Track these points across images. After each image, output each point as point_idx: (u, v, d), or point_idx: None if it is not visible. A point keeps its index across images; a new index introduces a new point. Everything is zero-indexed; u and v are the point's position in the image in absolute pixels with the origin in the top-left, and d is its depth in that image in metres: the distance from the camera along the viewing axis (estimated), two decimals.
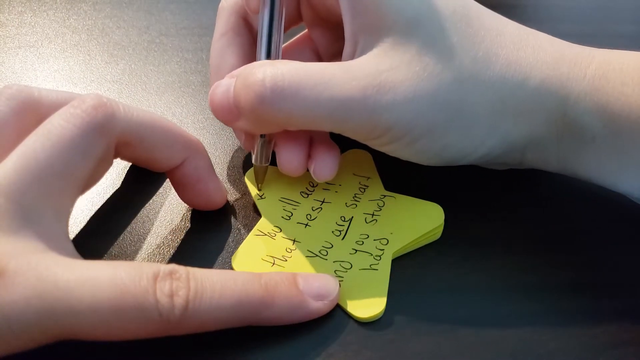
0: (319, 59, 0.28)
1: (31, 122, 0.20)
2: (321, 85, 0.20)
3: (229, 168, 0.28)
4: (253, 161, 0.25)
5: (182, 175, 0.23)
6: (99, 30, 0.37)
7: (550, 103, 0.22)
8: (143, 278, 0.17)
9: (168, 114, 0.31)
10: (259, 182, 0.26)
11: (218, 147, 0.29)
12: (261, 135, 0.24)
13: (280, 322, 0.20)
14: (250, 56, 0.26)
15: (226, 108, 0.22)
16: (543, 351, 0.20)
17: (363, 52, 0.22)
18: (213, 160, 0.25)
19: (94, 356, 0.19)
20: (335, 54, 0.27)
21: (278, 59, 0.24)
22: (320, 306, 0.21)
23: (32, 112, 0.20)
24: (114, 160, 0.22)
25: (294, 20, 0.27)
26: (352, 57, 0.23)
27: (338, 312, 0.21)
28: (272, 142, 0.25)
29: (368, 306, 0.21)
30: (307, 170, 0.25)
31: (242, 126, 0.23)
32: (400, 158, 0.23)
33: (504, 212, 0.25)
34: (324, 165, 0.24)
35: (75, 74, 0.33)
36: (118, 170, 0.27)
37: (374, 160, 0.28)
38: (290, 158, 0.24)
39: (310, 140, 0.25)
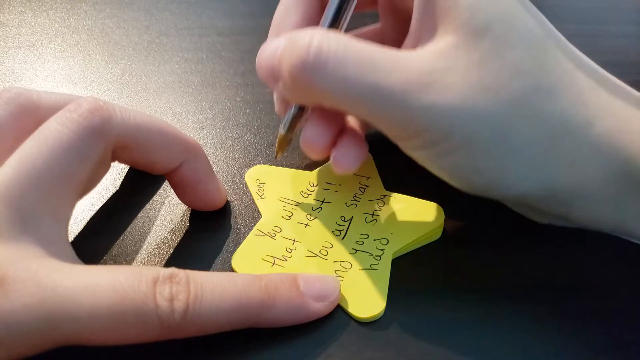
0: None
1: (29, 125, 0.20)
2: (366, 67, 0.19)
3: (229, 168, 0.28)
4: (280, 129, 0.24)
5: (181, 178, 0.23)
6: (99, 30, 0.37)
7: (612, 156, 0.19)
8: (142, 283, 0.17)
9: (168, 114, 0.31)
10: (278, 151, 0.25)
11: (218, 147, 0.29)
12: (295, 106, 0.23)
13: (280, 323, 0.20)
14: (315, 21, 0.24)
15: (269, 68, 0.21)
16: (543, 351, 0.20)
17: (422, 45, 0.21)
18: (213, 160, 0.25)
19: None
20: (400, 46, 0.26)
21: (343, 28, 0.23)
22: (320, 307, 0.21)
23: (30, 115, 0.20)
24: (112, 162, 0.22)
25: (368, 3, 0.26)
26: (411, 47, 0.22)
27: (338, 312, 0.21)
28: (305, 116, 0.24)
29: (368, 306, 0.21)
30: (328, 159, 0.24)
31: (279, 90, 0.22)
32: (430, 170, 0.22)
33: (504, 212, 0.25)
34: (347, 156, 0.23)
35: (75, 74, 0.33)
36: (118, 170, 0.27)
37: (374, 160, 0.28)
38: (316, 135, 0.23)
39: (341, 129, 0.24)
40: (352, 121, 0.25)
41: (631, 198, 0.20)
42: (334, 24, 0.22)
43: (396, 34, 0.26)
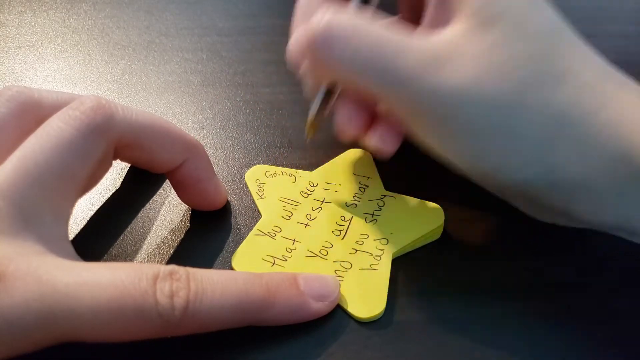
0: None
1: (31, 123, 0.20)
2: (376, 46, 0.20)
3: (229, 168, 0.28)
4: (309, 112, 0.24)
5: (182, 177, 0.23)
6: (99, 30, 0.37)
7: (615, 146, 0.19)
8: (143, 279, 0.17)
9: (168, 114, 0.31)
10: (309, 134, 0.25)
11: (218, 147, 0.29)
12: (323, 89, 0.23)
13: (280, 322, 0.20)
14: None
15: (297, 49, 0.22)
16: (543, 351, 0.20)
17: (434, 28, 0.21)
18: (213, 160, 0.25)
19: (95, 358, 0.19)
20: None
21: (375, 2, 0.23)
22: (320, 307, 0.21)
23: (31, 113, 0.20)
24: (114, 161, 0.23)
25: None
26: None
27: (338, 312, 0.21)
28: (333, 98, 0.24)
29: (368, 306, 0.21)
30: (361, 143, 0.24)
31: (303, 70, 0.23)
32: (433, 154, 0.22)
33: (504, 212, 0.25)
34: (385, 138, 0.23)
35: (75, 74, 0.33)
36: (118, 170, 0.27)
37: (374, 160, 0.28)
38: (349, 116, 0.23)
39: (374, 113, 0.24)
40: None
41: (633, 189, 0.20)
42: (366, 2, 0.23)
43: (414, 24, 0.26)
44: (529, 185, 0.21)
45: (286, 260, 0.23)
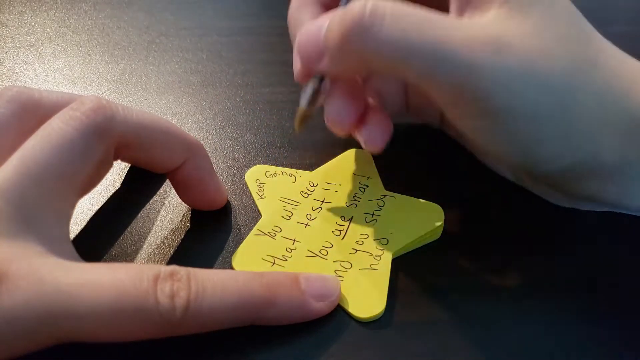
0: None
1: (31, 124, 0.20)
2: (425, 25, 0.19)
3: (229, 168, 0.28)
4: (301, 104, 0.24)
5: (183, 177, 0.23)
6: (99, 30, 0.37)
7: None
8: (144, 280, 0.17)
9: (168, 114, 0.31)
10: (299, 126, 0.24)
11: (218, 147, 0.29)
12: (316, 79, 0.23)
13: (281, 322, 0.20)
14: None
15: (314, 42, 0.21)
16: (543, 351, 0.20)
17: (471, 17, 0.21)
18: (213, 160, 0.25)
19: (95, 358, 0.19)
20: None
21: None
22: (321, 307, 0.21)
23: (32, 114, 0.20)
24: (114, 161, 0.23)
25: None
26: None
27: (338, 312, 0.21)
28: (324, 93, 0.23)
29: (368, 306, 0.21)
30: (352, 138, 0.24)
31: (323, 65, 0.22)
32: (472, 147, 0.21)
33: (504, 212, 0.25)
34: (376, 133, 0.23)
35: (75, 74, 0.33)
36: (118, 170, 0.27)
37: (374, 160, 0.28)
38: (340, 109, 0.23)
39: (365, 107, 0.24)
40: (373, 101, 0.25)
41: None
42: None
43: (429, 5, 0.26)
44: (569, 172, 0.21)
45: (286, 260, 0.23)
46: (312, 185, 0.26)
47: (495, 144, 0.21)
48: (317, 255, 0.23)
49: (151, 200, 0.26)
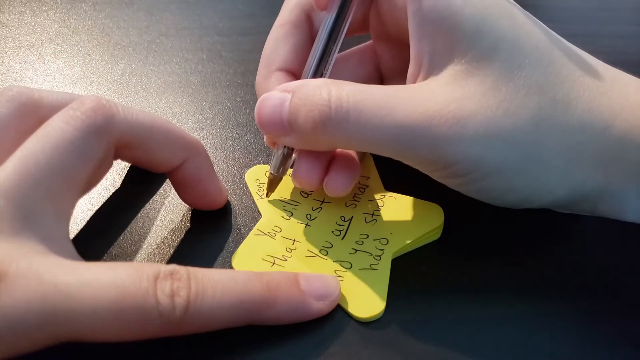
0: (379, 73, 0.27)
1: (31, 123, 0.20)
2: (385, 109, 0.20)
3: (229, 168, 0.28)
4: (270, 169, 0.24)
5: (183, 176, 0.23)
6: (99, 31, 0.37)
7: (634, 154, 0.20)
8: (143, 279, 0.17)
9: (168, 114, 0.31)
10: (269, 191, 0.25)
11: (218, 147, 0.29)
12: (284, 147, 0.24)
13: (280, 322, 0.20)
14: (304, 53, 0.25)
15: (277, 123, 0.21)
16: (543, 351, 0.20)
17: (429, 74, 0.21)
18: (213, 160, 0.25)
19: (95, 358, 0.19)
20: (396, 71, 0.26)
21: (330, 65, 0.23)
22: (321, 306, 0.21)
23: (32, 113, 0.20)
24: (114, 161, 0.23)
25: (359, 28, 0.26)
26: (416, 77, 0.22)
27: (338, 312, 0.21)
28: (294, 155, 0.24)
29: (368, 306, 0.21)
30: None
31: (288, 142, 0.22)
32: (462, 193, 0.22)
33: (503, 212, 0.25)
34: (338, 181, 0.23)
35: (75, 74, 0.33)
36: (118, 170, 0.27)
37: (374, 160, 0.28)
38: (307, 171, 0.23)
39: (332, 157, 0.24)
40: None
41: None
42: (323, 59, 0.23)
43: (390, 54, 0.26)
44: (556, 204, 0.22)
45: (286, 260, 0.23)
46: None
47: (474, 194, 0.22)
48: (317, 255, 0.23)
49: (151, 200, 0.26)
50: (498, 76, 0.20)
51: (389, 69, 0.27)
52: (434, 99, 0.20)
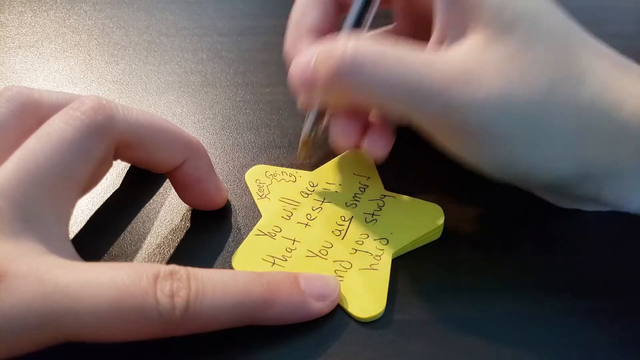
0: None
1: (31, 123, 0.20)
2: (403, 67, 0.20)
3: (229, 168, 0.28)
4: (303, 131, 0.25)
5: (183, 176, 0.23)
6: (99, 30, 0.37)
7: None
8: (143, 279, 0.17)
9: (168, 114, 0.31)
10: (301, 153, 0.25)
11: (218, 147, 0.29)
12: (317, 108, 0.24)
13: (281, 322, 0.20)
14: (332, 17, 0.26)
15: (303, 78, 0.22)
16: (543, 351, 0.20)
17: (451, 43, 0.22)
18: (213, 160, 0.25)
19: (95, 358, 0.19)
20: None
21: (365, 29, 0.24)
22: (321, 306, 0.21)
23: (32, 114, 0.20)
24: (114, 161, 0.23)
25: (383, 2, 0.26)
26: (438, 47, 0.22)
27: (338, 312, 0.21)
28: (326, 116, 0.24)
29: (368, 306, 0.21)
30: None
31: (315, 98, 0.23)
32: (464, 163, 0.22)
33: (504, 212, 0.25)
34: (377, 142, 0.24)
35: (75, 74, 0.33)
36: (118, 170, 0.27)
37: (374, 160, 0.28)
38: (345, 129, 0.24)
39: (367, 119, 0.25)
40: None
41: None
42: (360, 23, 0.24)
43: (412, 33, 0.27)
44: (560, 180, 0.22)
45: (286, 260, 0.23)
46: (312, 185, 0.26)
47: (478, 163, 0.22)
48: (317, 255, 0.23)
49: (151, 200, 0.26)
50: (517, 47, 0.20)
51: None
52: (453, 62, 0.20)
